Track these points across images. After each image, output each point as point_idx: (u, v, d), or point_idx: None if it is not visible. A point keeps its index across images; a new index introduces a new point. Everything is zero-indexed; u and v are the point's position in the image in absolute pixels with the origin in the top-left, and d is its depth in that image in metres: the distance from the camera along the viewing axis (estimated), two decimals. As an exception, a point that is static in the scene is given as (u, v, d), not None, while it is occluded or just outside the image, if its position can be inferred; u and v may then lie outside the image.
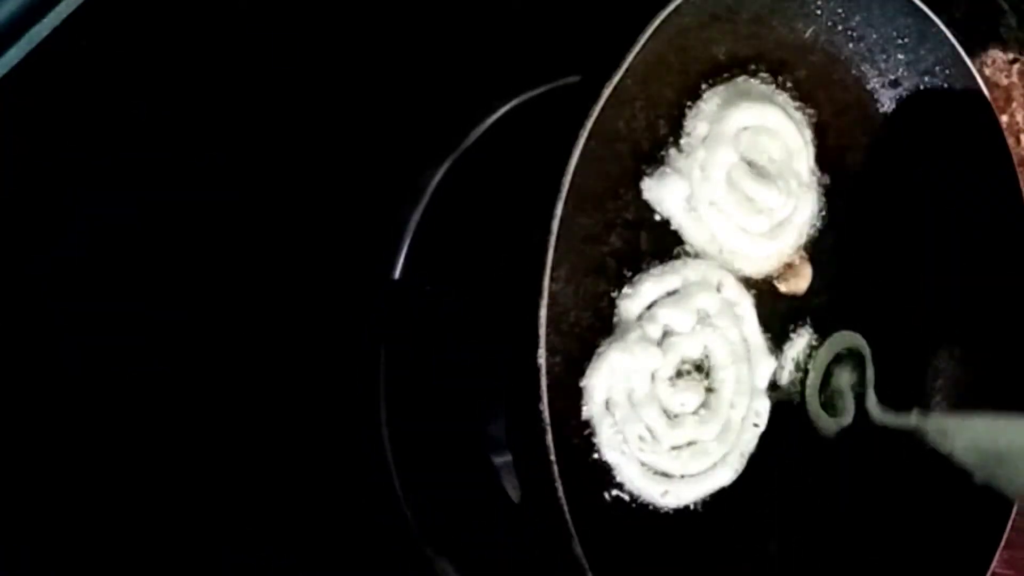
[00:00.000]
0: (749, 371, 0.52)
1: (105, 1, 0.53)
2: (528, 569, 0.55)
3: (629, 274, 0.50)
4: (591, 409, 0.47)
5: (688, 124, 0.52)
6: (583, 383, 0.47)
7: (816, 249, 0.55)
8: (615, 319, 0.49)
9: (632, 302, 0.49)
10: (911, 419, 0.54)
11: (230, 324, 0.59)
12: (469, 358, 0.59)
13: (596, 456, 0.48)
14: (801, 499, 0.55)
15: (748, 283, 0.53)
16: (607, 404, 0.48)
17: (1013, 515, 0.56)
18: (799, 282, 0.55)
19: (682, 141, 0.52)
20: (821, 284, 0.55)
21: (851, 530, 0.56)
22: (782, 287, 0.54)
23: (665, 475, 0.49)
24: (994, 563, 0.56)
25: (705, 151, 0.51)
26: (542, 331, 0.43)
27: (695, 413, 0.50)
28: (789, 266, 0.55)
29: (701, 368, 0.51)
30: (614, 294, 0.49)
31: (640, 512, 0.49)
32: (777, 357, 0.54)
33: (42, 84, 0.52)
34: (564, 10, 0.65)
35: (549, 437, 0.43)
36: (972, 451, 0.51)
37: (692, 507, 0.50)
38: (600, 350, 0.48)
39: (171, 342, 0.57)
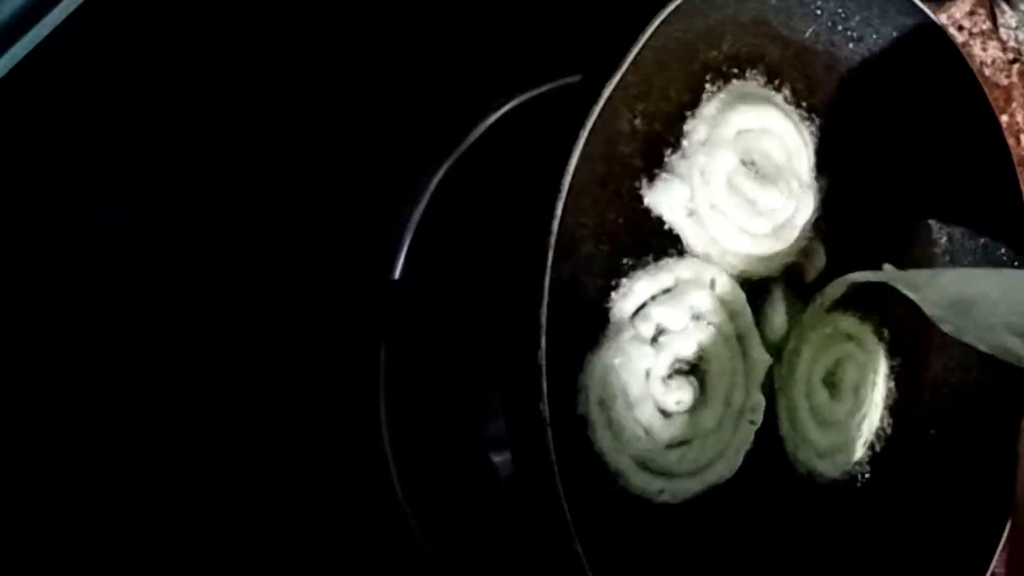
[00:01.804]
0: (744, 367, 0.52)
1: (105, 1, 0.53)
2: (528, 569, 0.55)
3: (626, 273, 0.50)
4: (586, 408, 0.47)
5: (688, 127, 0.52)
6: (578, 382, 0.47)
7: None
8: (609, 318, 0.49)
9: (626, 301, 0.49)
10: (883, 273, 0.54)
11: (230, 324, 0.59)
12: (469, 358, 0.59)
13: (593, 454, 0.48)
14: (800, 496, 0.55)
15: (753, 281, 0.53)
16: (601, 403, 0.48)
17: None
18: (814, 266, 0.55)
19: (682, 144, 0.52)
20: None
21: (851, 527, 0.56)
22: (800, 271, 0.55)
23: (661, 472, 0.49)
24: (994, 563, 0.56)
25: (705, 155, 0.51)
26: (542, 331, 0.43)
27: (690, 411, 0.50)
28: (804, 250, 0.55)
29: (696, 366, 0.51)
30: (611, 294, 0.49)
31: (639, 510, 0.49)
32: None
33: (42, 84, 0.52)
34: (564, 10, 0.65)
35: (549, 437, 0.43)
36: (942, 301, 0.51)
37: (690, 504, 0.50)
38: (594, 349, 0.48)
39: (171, 342, 0.57)
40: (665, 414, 0.49)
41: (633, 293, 0.49)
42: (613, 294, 0.49)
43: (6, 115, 0.52)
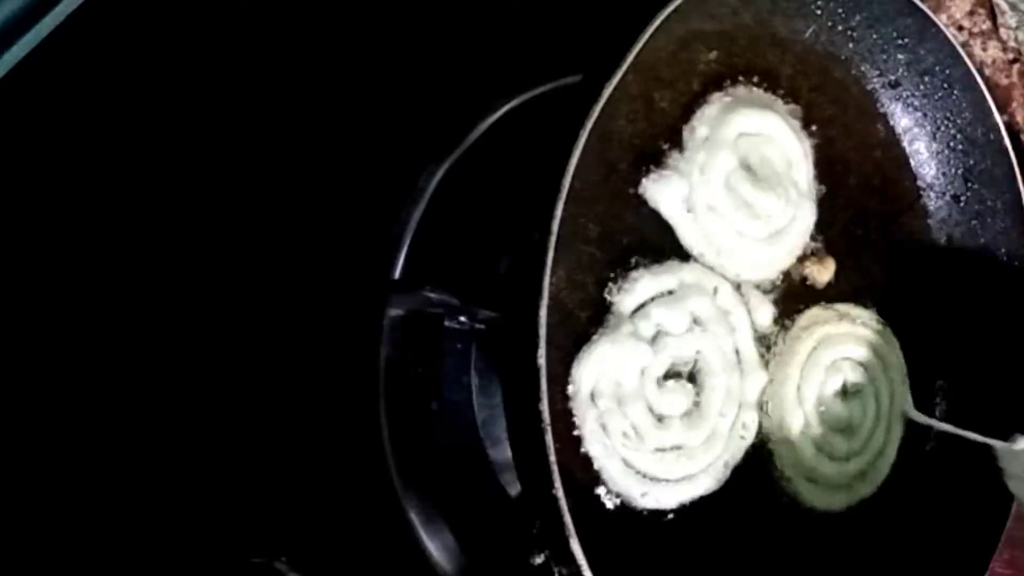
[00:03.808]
0: (740, 381, 0.52)
1: (105, 1, 0.53)
2: (528, 568, 0.55)
3: (627, 272, 0.50)
4: (577, 400, 0.47)
5: (689, 126, 0.52)
6: (571, 373, 0.47)
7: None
8: (609, 313, 0.49)
9: (627, 297, 0.49)
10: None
11: (230, 324, 0.59)
12: (469, 358, 0.59)
13: (581, 449, 0.47)
14: (790, 511, 0.55)
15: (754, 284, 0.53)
16: (592, 396, 0.48)
17: (1012, 515, 0.56)
18: (823, 274, 0.55)
19: (683, 143, 0.52)
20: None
21: (847, 529, 0.56)
22: (808, 278, 0.55)
23: (647, 476, 0.49)
24: (993, 562, 0.56)
25: (705, 154, 0.51)
26: (542, 331, 0.43)
27: (682, 417, 0.50)
28: (814, 258, 0.55)
29: (692, 373, 0.51)
30: (611, 291, 0.49)
31: (637, 511, 0.49)
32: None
33: (42, 84, 0.52)
34: (564, 10, 0.65)
35: (549, 437, 0.43)
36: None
37: (689, 509, 0.50)
38: (591, 341, 0.48)
39: (171, 342, 0.57)
40: (656, 417, 0.49)
41: (635, 290, 0.49)
42: (615, 289, 0.49)
43: (6, 115, 0.52)
